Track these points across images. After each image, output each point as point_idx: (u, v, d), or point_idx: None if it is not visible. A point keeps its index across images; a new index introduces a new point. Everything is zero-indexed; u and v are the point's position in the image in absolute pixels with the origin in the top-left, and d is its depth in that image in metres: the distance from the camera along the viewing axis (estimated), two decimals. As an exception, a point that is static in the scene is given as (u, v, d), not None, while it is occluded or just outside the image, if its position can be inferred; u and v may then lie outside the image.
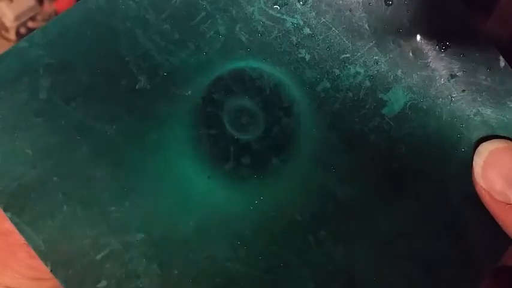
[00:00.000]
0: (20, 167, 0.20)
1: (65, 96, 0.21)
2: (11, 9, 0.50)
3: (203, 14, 0.22)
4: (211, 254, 0.21)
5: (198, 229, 0.21)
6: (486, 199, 0.21)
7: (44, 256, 0.20)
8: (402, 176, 0.22)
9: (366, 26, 0.22)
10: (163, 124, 0.21)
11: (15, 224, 0.20)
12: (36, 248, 0.20)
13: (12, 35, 0.51)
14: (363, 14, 0.22)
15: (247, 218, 0.21)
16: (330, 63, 0.22)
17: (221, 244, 0.21)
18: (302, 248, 0.21)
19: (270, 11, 0.22)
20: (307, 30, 0.22)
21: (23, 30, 0.51)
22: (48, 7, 0.52)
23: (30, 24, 0.52)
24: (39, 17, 0.52)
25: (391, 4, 0.22)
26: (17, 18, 0.51)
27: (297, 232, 0.21)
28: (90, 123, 0.21)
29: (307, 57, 0.22)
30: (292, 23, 0.22)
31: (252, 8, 0.22)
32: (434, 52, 0.22)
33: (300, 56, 0.22)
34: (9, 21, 0.51)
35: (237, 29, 0.22)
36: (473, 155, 0.22)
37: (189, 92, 0.22)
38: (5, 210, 0.20)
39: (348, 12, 0.22)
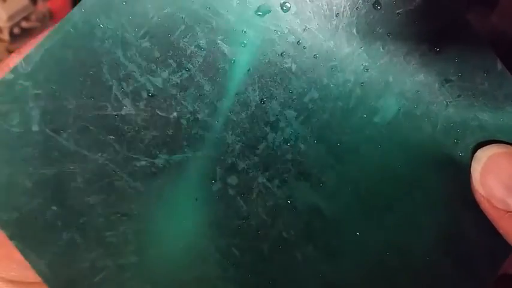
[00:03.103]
0: (21, 198, 0.21)
1: (55, 127, 0.21)
2: (4, 9, 0.50)
3: (182, 27, 0.21)
4: (202, 274, 0.21)
5: (188, 250, 0.21)
6: (485, 206, 0.20)
7: (47, 279, 0.21)
8: (395, 185, 0.22)
9: (354, 32, 0.21)
10: (150, 150, 0.22)
11: (21, 251, 0.21)
12: (40, 273, 0.21)
13: (5, 36, 0.51)
14: (350, 19, 0.21)
15: (235, 237, 0.22)
16: (318, 72, 0.21)
17: (211, 264, 0.21)
18: (289, 265, 0.22)
19: (252, 20, 0.21)
20: (292, 39, 0.21)
21: (16, 30, 0.51)
22: (42, 6, 0.51)
23: (24, 24, 0.51)
24: (33, 17, 0.51)
25: (379, 8, 0.21)
26: (10, 18, 0.50)
27: (284, 249, 0.22)
28: (81, 153, 0.21)
29: (293, 66, 0.21)
30: (275, 31, 0.21)
31: (233, 18, 0.21)
32: (427, 56, 0.21)
33: (285, 66, 0.22)
34: (2, 21, 0.50)
35: (219, 41, 0.21)
36: (471, 161, 0.21)
37: (174, 114, 0.21)
38: (11, 238, 0.21)
39: (334, 18, 0.21)
